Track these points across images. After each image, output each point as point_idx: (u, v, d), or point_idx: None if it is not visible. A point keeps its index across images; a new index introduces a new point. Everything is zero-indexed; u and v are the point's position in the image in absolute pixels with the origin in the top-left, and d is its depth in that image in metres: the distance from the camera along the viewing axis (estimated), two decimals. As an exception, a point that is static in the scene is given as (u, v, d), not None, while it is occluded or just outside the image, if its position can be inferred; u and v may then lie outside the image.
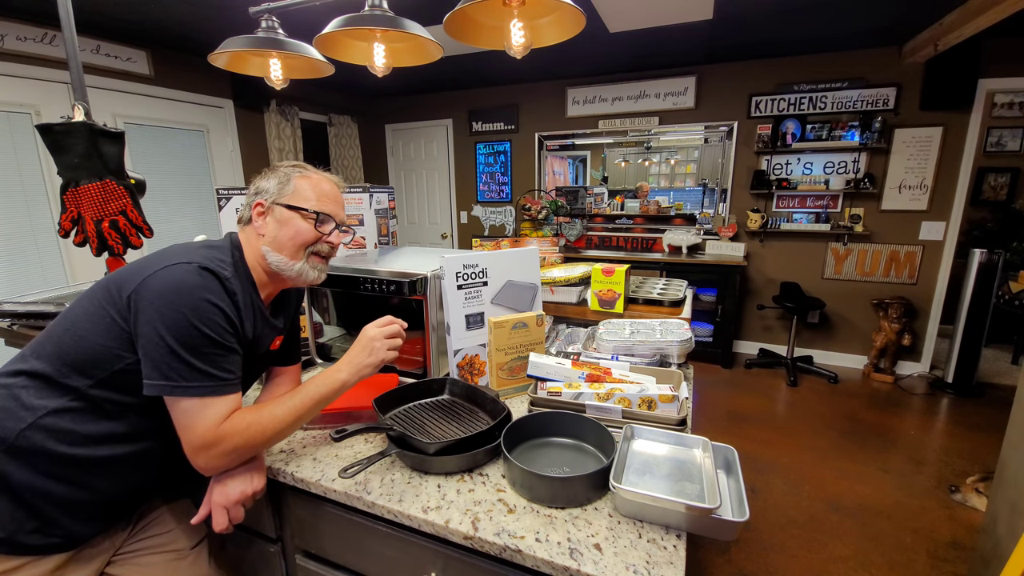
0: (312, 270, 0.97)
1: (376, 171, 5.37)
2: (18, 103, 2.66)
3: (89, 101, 1.38)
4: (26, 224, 2.73)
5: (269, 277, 0.97)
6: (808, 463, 2.54)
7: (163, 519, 1.00)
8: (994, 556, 1.38)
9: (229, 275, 0.85)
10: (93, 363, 0.80)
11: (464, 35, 1.21)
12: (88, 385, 0.80)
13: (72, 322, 0.83)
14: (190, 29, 2.91)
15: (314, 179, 0.98)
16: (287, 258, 0.94)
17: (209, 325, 0.79)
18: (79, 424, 0.80)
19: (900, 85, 3.37)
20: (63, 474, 0.80)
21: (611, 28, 2.91)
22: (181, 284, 0.79)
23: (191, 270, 0.81)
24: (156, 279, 0.79)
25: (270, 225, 0.94)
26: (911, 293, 3.61)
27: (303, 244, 0.95)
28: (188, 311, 0.78)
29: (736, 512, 0.78)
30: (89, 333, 0.80)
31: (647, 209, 4.36)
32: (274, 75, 1.57)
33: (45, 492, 0.79)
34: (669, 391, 1.05)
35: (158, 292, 0.78)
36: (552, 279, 1.69)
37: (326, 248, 0.98)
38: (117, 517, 0.92)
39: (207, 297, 0.80)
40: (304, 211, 0.94)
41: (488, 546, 0.77)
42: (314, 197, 0.96)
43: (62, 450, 0.79)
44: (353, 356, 0.95)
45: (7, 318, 1.47)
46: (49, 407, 0.79)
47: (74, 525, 0.83)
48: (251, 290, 0.93)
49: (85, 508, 0.83)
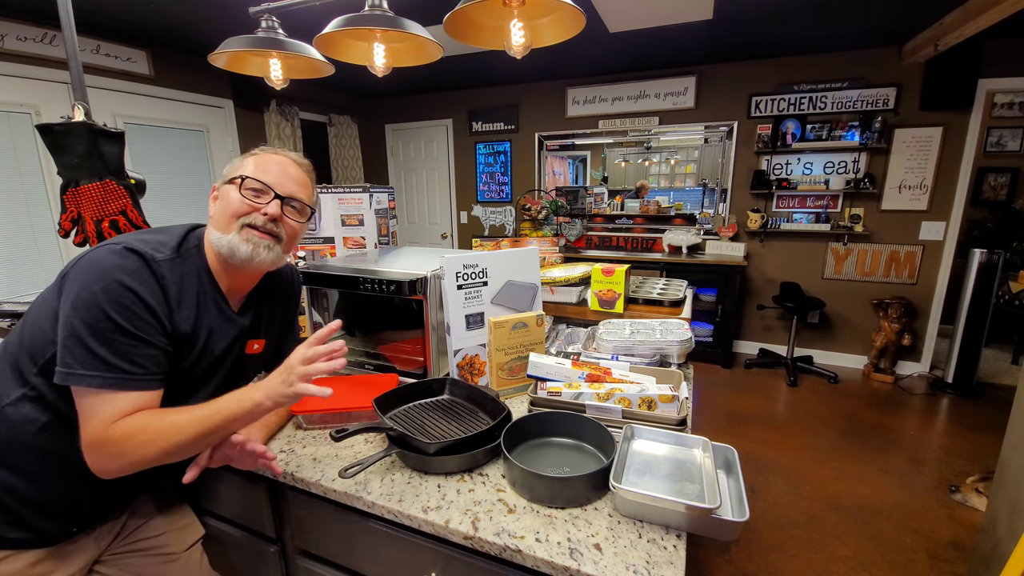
0: (244, 243, 0.86)
1: (376, 171, 5.37)
2: (18, 103, 2.66)
3: (89, 101, 1.37)
4: (26, 224, 2.72)
5: (221, 266, 0.91)
6: (808, 463, 2.53)
7: (154, 523, 0.98)
8: (994, 556, 1.38)
9: (162, 258, 0.80)
10: (40, 350, 0.78)
11: (464, 35, 1.21)
12: (34, 372, 0.78)
13: (30, 310, 0.82)
14: (190, 29, 2.91)
15: (264, 156, 0.92)
16: (221, 232, 0.87)
17: (119, 311, 0.74)
18: (33, 414, 0.78)
19: (900, 85, 3.37)
20: (24, 468, 0.79)
21: (611, 28, 2.91)
22: (99, 263, 0.75)
23: (114, 250, 0.76)
24: (84, 259, 0.76)
25: (215, 206, 0.90)
26: (911, 293, 3.61)
27: (234, 214, 0.87)
28: (99, 292, 0.73)
29: (736, 512, 0.78)
30: (38, 319, 0.79)
31: (647, 209, 4.36)
32: (274, 75, 1.57)
33: (9, 487, 0.78)
34: (669, 391, 1.05)
35: (79, 271, 0.75)
36: (552, 279, 1.69)
37: (260, 219, 0.87)
38: (96, 516, 0.90)
39: (122, 279, 0.74)
40: (236, 179, 0.88)
41: (488, 546, 0.76)
42: (252, 167, 0.89)
43: (21, 440, 0.78)
44: (271, 381, 0.80)
45: (7, 318, 1.47)
46: (11, 397, 0.78)
47: (41, 522, 0.81)
48: (205, 279, 0.89)
49: (50, 506, 0.82)
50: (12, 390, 0.79)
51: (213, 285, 0.90)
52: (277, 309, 1.07)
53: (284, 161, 0.93)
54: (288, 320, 1.12)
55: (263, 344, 1.03)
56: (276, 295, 1.06)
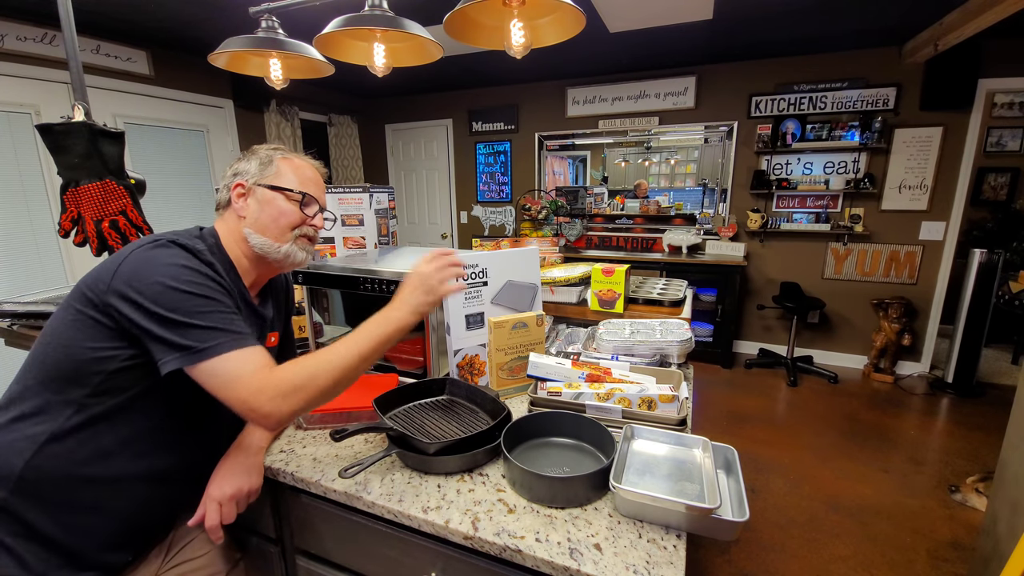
0: (300, 251, 0.95)
1: (376, 171, 5.37)
2: (18, 103, 2.66)
3: (89, 101, 1.38)
4: (26, 224, 2.72)
5: (251, 263, 0.93)
6: (808, 463, 2.53)
7: (198, 543, 0.94)
8: (994, 556, 1.38)
9: (202, 248, 0.82)
10: (86, 370, 0.75)
11: (464, 35, 1.21)
12: (85, 395, 0.75)
13: (52, 336, 0.78)
14: (190, 29, 2.91)
15: (296, 163, 0.96)
16: (272, 240, 0.91)
17: (195, 286, 0.74)
18: (85, 441, 0.75)
19: (900, 85, 3.37)
20: (79, 501, 0.76)
21: (611, 28, 2.91)
22: (152, 261, 0.75)
23: (159, 245, 0.78)
24: (126, 265, 0.75)
25: (251, 206, 0.91)
26: (911, 293, 3.62)
27: (288, 225, 0.92)
28: (170, 280, 0.73)
29: (736, 512, 0.78)
30: (74, 341, 0.75)
31: (647, 209, 4.36)
32: (274, 75, 1.57)
33: (65, 525, 0.75)
34: (669, 391, 1.05)
35: (132, 274, 0.74)
36: (552, 279, 1.69)
37: (311, 231, 0.96)
38: (148, 541, 0.87)
39: (184, 263, 0.76)
40: (288, 191, 0.92)
41: (488, 546, 0.76)
42: (297, 180, 0.93)
43: (73, 473, 0.75)
44: (410, 296, 0.87)
45: (7, 318, 1.47)
46: (49, 431, 0.74)
47: (104, 555, 0.78)
48: (233, 276, 0.89)
49: (110, 535, 0.79)
50: (49, 424, 0.75)
51: (238, 278, 0.92)
52: (280, 301, 1.10)
53: (317, 173, 0.99)
54: (288, 311, 1.16)
55: (278, 337, 1.06)
56: (277, 288, 1.08)
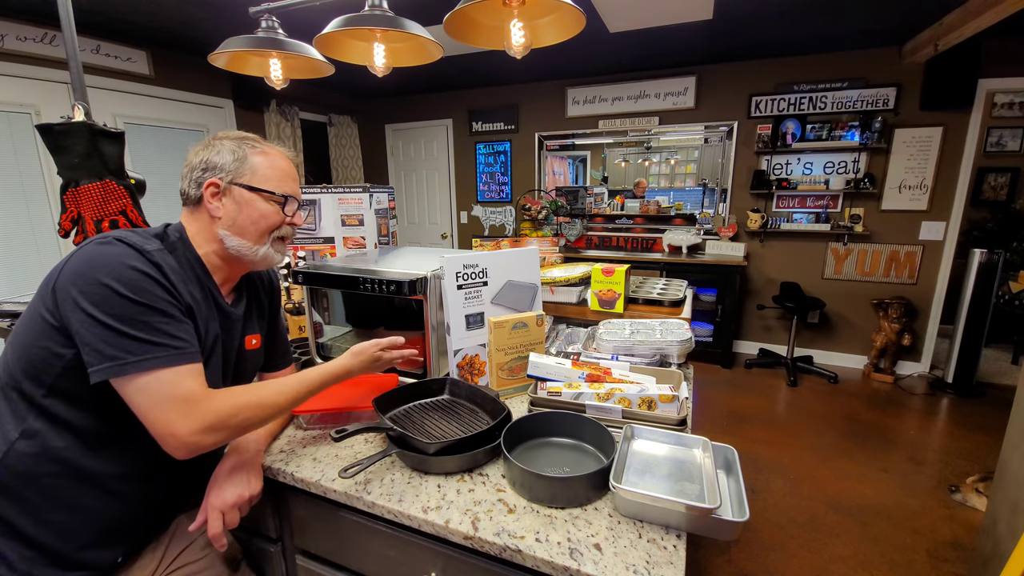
0: (277, 254, 0.93)
1: (376, 171, 5.37)
2: (18, 103, 2.66)
3: (89, 101, 1.38)
4: (26, 224, 2.73)
5: (224, 261, 0.90)
6: (808, 463, 2.53)
7: (196, 544, 0.93)
8: (994, 556, 1.38)
9: (152, 248, 0.78)
10: (39, 370, 0.73)
11: (464, 35, 1.21)
12: (43, 394, 0.74)
13: (15, 335, 0.77)
14: (190, 29, 2.91)
15: (271, 155, 0.92)
16: (250, 243, 0.88)
17: (141, 294, 0.71)
18: (50, 440, 0.74)
19: (900, 85, 3.37)
20: (54, 499, 0.74)
21: (611, 28, 2.91)
22: (97, 256, 0.72)
23: (105, 242, 0.75)
24: (72, 261, 0.73)
25: (227, 207, 0.87)
26: (911, 293, 3.61)
27: (268, 228, 0.89)
28: (110, 280, 0.70)
29: (736, 512, 0.78)
30: (27, 339, 0.74)
31: (647, 209, 4.36)
32: (274, 75, 1.57)
33: (45, 523, 0.74)
34: (669, 391, 1.05)
35: (75, 272, 0.71)
36: (552, 279, 1.69)
37: (289, 231, 0.94)
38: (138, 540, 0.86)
39: (130, 264, 0.72)
40: (268, 194, 0.88)
41: (488, 546, 0.76)
42: (275, 177, 0.90)
43: (44, 472, 0.73)
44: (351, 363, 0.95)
45: (7, 318, 1.47)
46: (20, 429, 0.73)
47: (86, 553, 0.77)
48: (199, 270, 0.87)
49: (90, 533, 0.78)
50: (18, 423, 0.74)
51: (207, 276, 0.89)
52: (263, 298, 1.06)
53: (291, 164, 0.95)
54: (274, 310, 1.11)
55: (260, 339, 1.03)
56: (256, 286, 1.05)
